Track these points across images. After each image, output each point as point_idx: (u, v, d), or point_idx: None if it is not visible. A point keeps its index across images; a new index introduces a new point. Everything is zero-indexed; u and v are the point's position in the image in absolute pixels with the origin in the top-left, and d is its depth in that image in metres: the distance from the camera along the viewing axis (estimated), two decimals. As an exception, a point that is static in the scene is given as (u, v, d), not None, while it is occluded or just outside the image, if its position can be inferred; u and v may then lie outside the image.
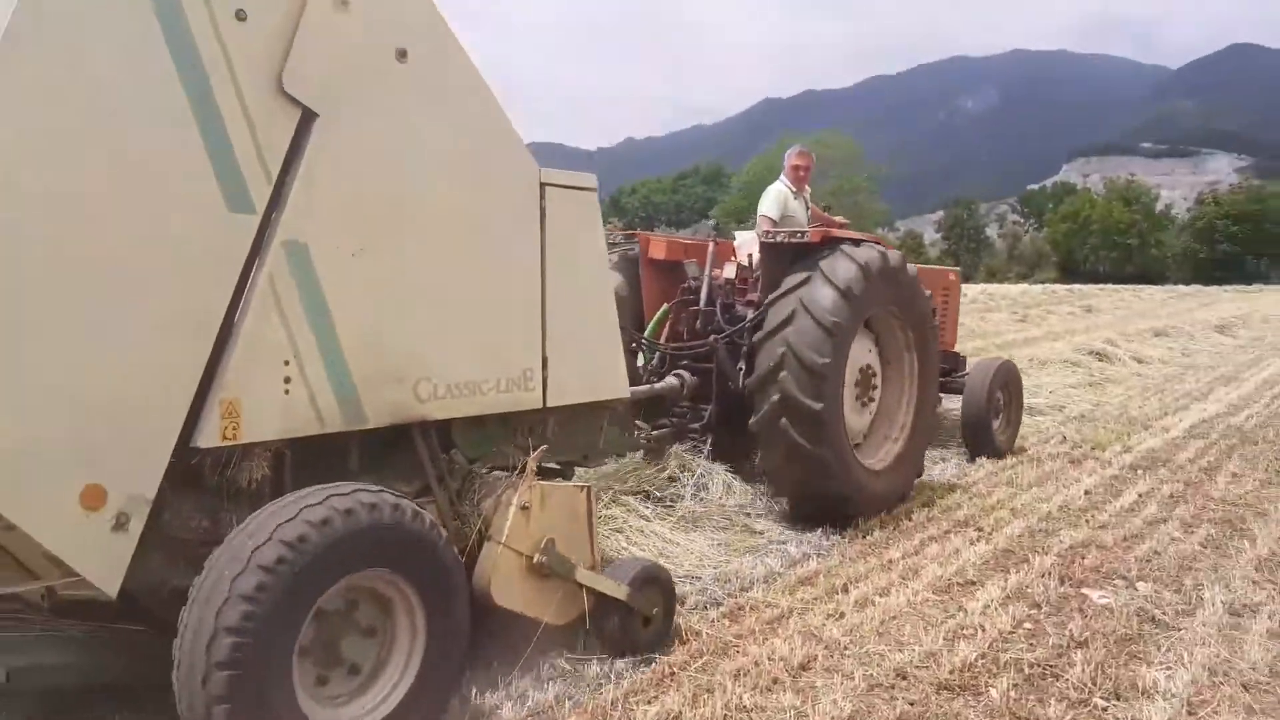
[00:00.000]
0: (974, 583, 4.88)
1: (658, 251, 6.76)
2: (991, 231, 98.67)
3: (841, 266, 5.71)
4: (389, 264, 3.39)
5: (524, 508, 3.66)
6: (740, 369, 6.07)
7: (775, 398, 5.54)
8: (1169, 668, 3.86)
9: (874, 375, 6.24)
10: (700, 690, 3.61)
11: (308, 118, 3.16)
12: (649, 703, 3.50)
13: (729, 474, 6.26)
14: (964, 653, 3.96)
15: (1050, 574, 4.97)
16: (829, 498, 5.74)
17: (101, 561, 2.72)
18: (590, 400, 4.28)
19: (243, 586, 2.68)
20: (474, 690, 3.54)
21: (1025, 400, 8.71)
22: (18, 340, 2.56)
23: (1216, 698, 3.60)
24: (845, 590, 4.73)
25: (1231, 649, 4.05)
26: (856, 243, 6.04)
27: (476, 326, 3.72)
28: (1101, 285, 47.76)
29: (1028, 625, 4.33)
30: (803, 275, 5.74)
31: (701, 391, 6.29)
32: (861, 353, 6.10)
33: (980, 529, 5.82)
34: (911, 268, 6.30)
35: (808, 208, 7.43)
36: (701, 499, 5.97)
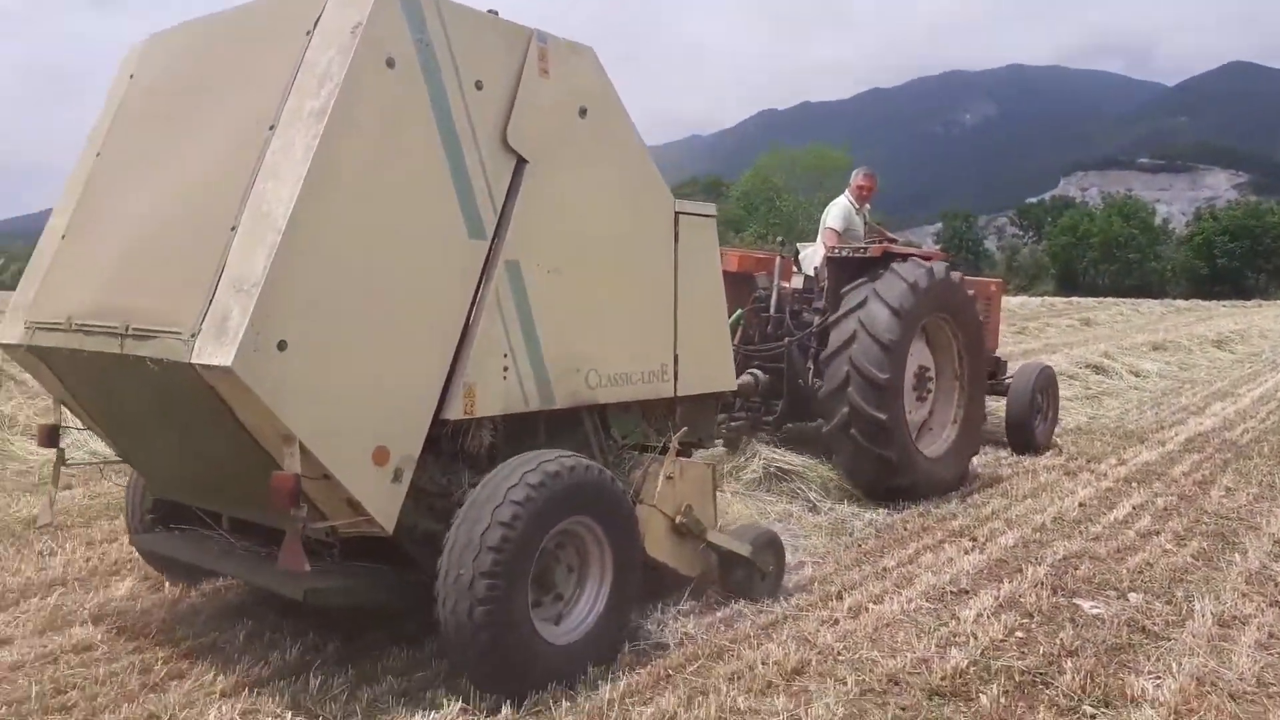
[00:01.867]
0: (967, 591, 5.08)
1: (730, 264, 7.64)
2: (991, 244, 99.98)
3: (894, 287, 6.62)
4: (573, 279, 4.24)
5: (669, 478, 4.51)
6: (809, 368, 6.97)
7: (845, 410, 6.46)
8: (1158, 677, 3.99)
9: (929, 374, 7.13)
10: (695, 692, 3.81)
11: (521, 163, 4.02)
12: (645, 704, 3.71)
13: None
14: (955, 659, 4.13)
15: (1043, 584, 5.16)
16: (897, 489, 6.72)
17: (385, 505, 3.56)
18: (708, 391, 5.12)
19: (502, 515, 3.53)
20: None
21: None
22: (340, 342, 3.41)
23: (1204, 707, 3.73)
24: (839, 597, 4.93)
25: (1220, 659, 4.18)
26: (906, 258, 6.94)
27: (628, 328, 4.58)
28: (1100, 298, 48.57)
29: (1019, 634, 4.50)
30: (860, 296, 6.65)
31: (772, 388, 7.18)
32: (918, 355, 7.00)
33: (974, 539, 6.08)
34: (957, 277, 7.20)
35: (866, 222, 8.33)
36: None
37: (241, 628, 4.38)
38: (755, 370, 7.24)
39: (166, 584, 4.92)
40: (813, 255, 7.84)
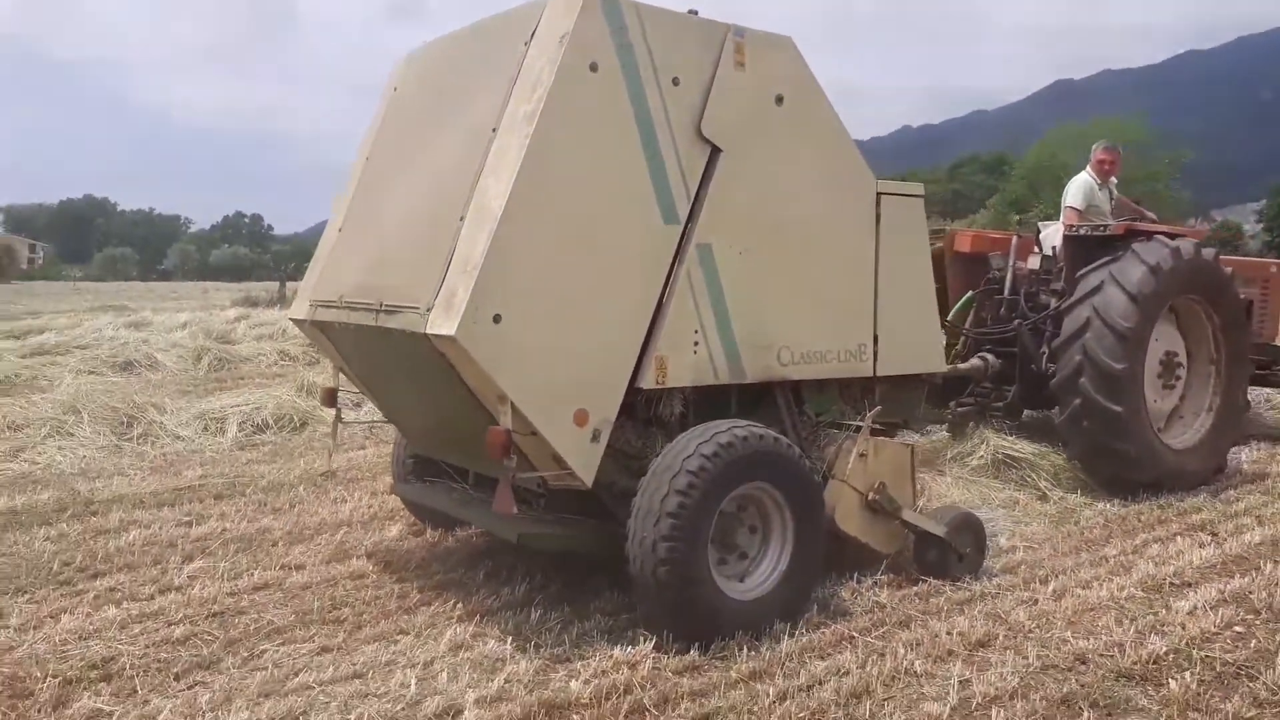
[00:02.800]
0: (1190, 584, 4.85)
1: (963, 245, 7.52)
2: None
3: (1132, 270, 6.27)
4: (764, 259, 4.50)
5: (861, 455, 4.66)
6: (1043, 353, 6.73)
7: (1077, 401, 6.23)
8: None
9: (1178, 360, 6.67)
10: (873, 653, 3.93)
11: (715, 153, 4.33)
12: (822, 659, 3.91)
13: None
14: (1154, 645, 4.02)
15: None
16: (1139, 483, 6.39)
17: (584, 461, 4.02)
18: (912, 372, 5.19)
19: (678, 484, 3.88)
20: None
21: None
22: (547, 316, 3.90)
23: None
24: (1044, 581, 4.85)
25: None
26: (1153, 236, 6.52)
27: (824, 307, 4.76)
28: None
29: (1237, 628, 4.29)
30: (1097, 280, 6.34)
31: (1004, 373, 7.01)
32: (1165, 340, 6.58)
33: (1215, 534, 5.73)
34: (1210, 255, 6.66)
35: (1112, 198, 7.87)
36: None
37: (483, 568, 5.03)
38: (986, 354, 7.08)
39: (428, 530, 5.71)
40: (1053, 234, 7.51)
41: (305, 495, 6.61)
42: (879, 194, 4.93)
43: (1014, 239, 7.54)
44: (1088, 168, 7.94)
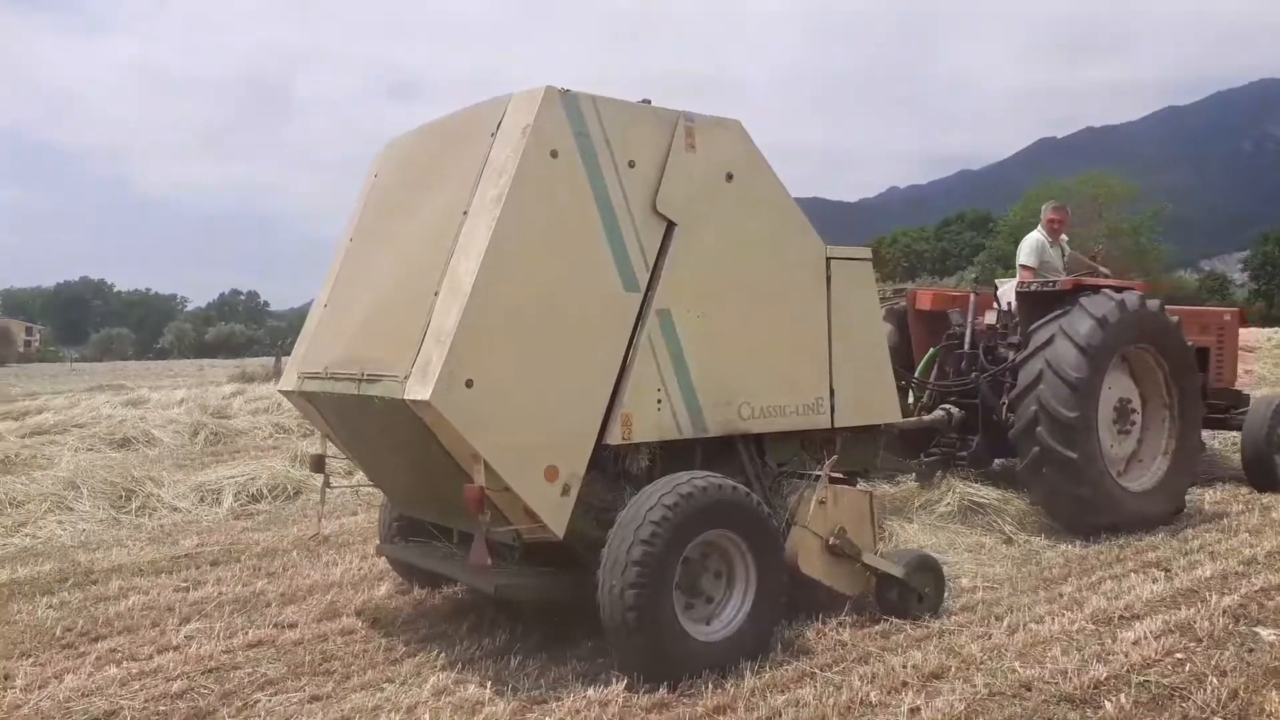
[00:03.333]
0: (1138, 616, 5.10)
1: (924, 303, 7.91)
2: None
3: (1080, 323, 6.65)
4: (722, 322, 4.86)
5: (821, 502, 4.96)
6: (1003, 403, 7.07)
7: (1036, 449, 6.57)
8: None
9: (1132, 406, 7.02)
10: (831, 686, 4.19)
11: (671, 226, 4.72)
12: (782, 693, 4.16)
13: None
14: (1096, 672, 4.27)
15: (1226, 612, 5.08)
16: (1098, 526, 6.71)
17: (555, 514, 4.32)
18: (868, 422, 5.51)
19: (642, 534, 4.17)
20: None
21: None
22: (516, 380, 4.23)
23: None
24: (999, 617, 5.12)
25: None
26: (1100, 289, 6.91)
27: (781, 365, 5.11)
28: None
29: (1178, 654, 4.52)
30: (1048, 334, 6.72)
31: (968, 423, 7.35)
32: (1117, 388, 6.93)
33: (1167, 569, 5.99)
34: (1155, 305, 7.04)
35: (1064, 254, 8.31)
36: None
37: (466, 621, 5.28)
38: (949, 406, 7.43)
39: (415, 588, 5.96)
40: (1008, 291, 7.92)
41: (298, 559, 6.86)
42: (828, 258, 5.31)
43: (971, 296, 7.95)
44: (1039, 227, 8.40)
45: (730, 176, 4.94)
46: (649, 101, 4.83)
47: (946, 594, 5.37)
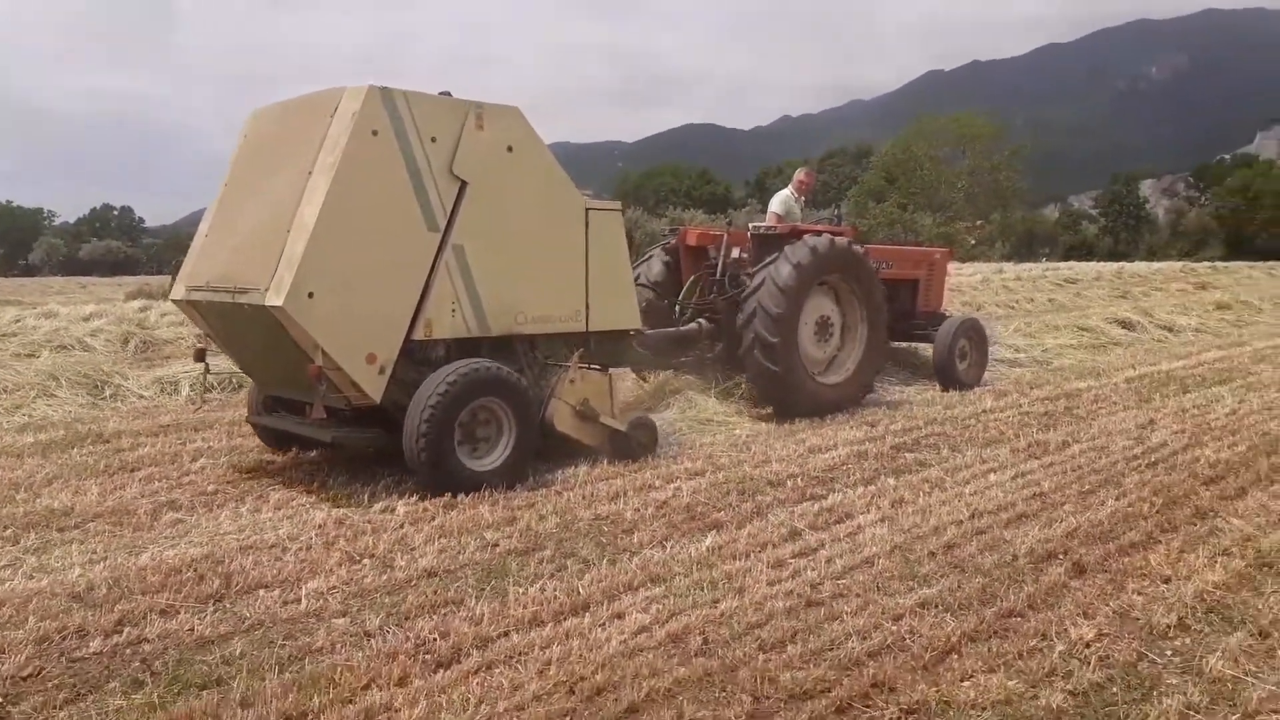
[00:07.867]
0: (836, 447, 7.83)
1: (691, 239, 10.01)
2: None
3: (798, 251, 8.82)
4: (503, 254, 6.81)
5: (572, 380, 7.03)
6: (739, 322, 9.25)
7: (750, 336, 8.73)
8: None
9: (831, 322, 9.29)
10: (556, 495, 6.32)
11: (464, 185, 6.61)
12: (529, 504, 6.09)
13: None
14: (792, 470, 6.95)
15: (891, 445, 7.75)
16: (792, 404, 8.92)
17: (374, 387, 6.25)
18: (614, 328, 7.60)
19: (432, 400, 6.15)
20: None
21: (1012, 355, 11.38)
22: (345, 292, 6.08)
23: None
24: (748, 447, 7.70)
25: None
26: (819, 233, 9.13)
27: (549, 285, 7.11)
28: (1268, 262, 47.04)
29: (847, 464, 7.22)
30: (761, 278, 8.87)
31: (715, 334, 9.53)
32: (820, 307, 9.18)
33: (872, 424, 8.65)
34: (851, 245, 9.33)
35: (802, 208, 10.56)
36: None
37: (306, 469, 7.16)
38: (701, 320, 9.59)
39: (278, 456, 7.80)
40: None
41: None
42: (587, 209, 7.30)
43: (724, 235, 10.07)
44: (790, 185, 10.61)
45: (510, 149, 6.84)
46: (449, 93, 6.67)
47: (658, 444, 7.53)
